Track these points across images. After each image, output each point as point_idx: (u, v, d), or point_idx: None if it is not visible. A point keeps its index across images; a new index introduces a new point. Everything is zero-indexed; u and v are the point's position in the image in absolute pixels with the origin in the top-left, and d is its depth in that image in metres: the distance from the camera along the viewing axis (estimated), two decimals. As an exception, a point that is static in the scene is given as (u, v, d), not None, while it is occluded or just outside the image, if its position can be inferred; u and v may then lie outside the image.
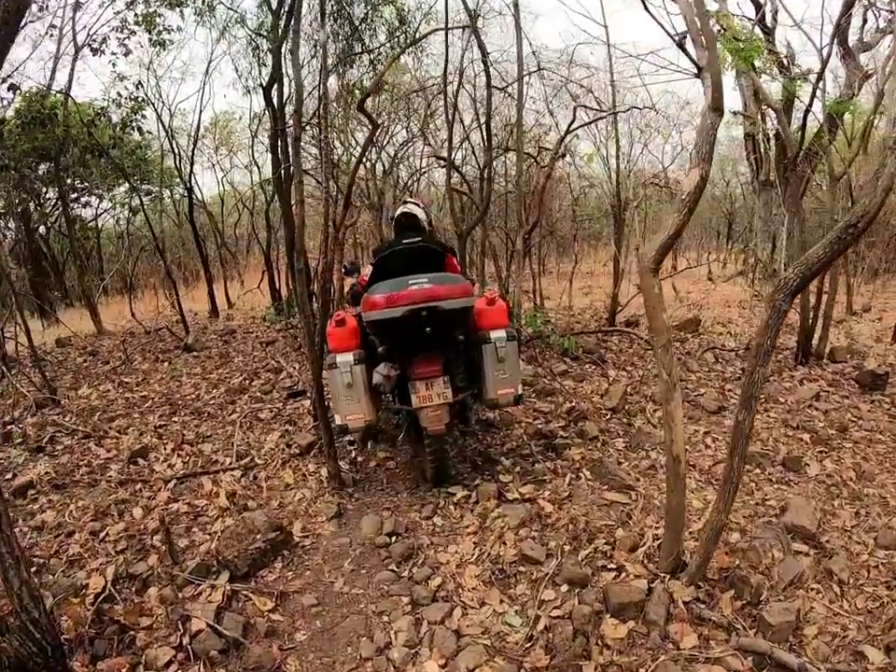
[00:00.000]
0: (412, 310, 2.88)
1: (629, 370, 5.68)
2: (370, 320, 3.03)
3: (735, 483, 2.32)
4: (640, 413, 4.44)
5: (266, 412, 4.59)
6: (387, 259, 3.37)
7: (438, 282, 2.98)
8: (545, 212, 6.09)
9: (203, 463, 3.82)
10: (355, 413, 3.02)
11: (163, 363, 6.69)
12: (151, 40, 8.07)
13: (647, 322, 7.91)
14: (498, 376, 3.08)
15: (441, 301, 2.91)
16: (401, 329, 2.96)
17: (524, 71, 4.61)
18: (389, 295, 2.93)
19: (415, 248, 3.36)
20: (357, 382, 3.00)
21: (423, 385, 2.97)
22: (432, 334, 2.92)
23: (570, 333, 5.84)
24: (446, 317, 2.94)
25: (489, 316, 3.17)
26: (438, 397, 2.96)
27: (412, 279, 2.97)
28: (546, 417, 4.24)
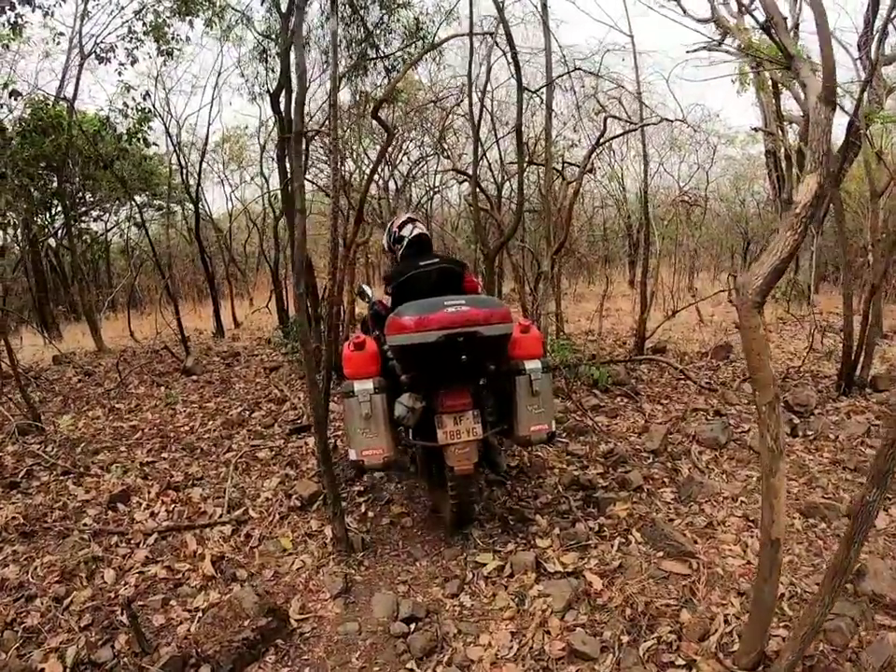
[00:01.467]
0: (448, 335, 2.56)
1: (664, 403, 5.17)
2: (396, 345, 2.69)
3: (845, 572, 1.82)
4: (685, 455, 3.93)
5: (265, 450, 4.10)
6: (408, 283, 3.09)
7: (476, 304, 2.68)
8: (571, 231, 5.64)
9: (189, 513, 3.33)
10: (372, 448, 2.66)
11: (160, 387, 6.25)
12: (159, 49, 7.78)
13: (677, 349, 7.40)
14: (532, 411, 2.79)
15: (480, 326, 2.61)
16: (433, 357, 2.63)
17: (552, 75, 4.20)
18: (421, 318, 2.60)
19: (435, 270, 3.12)
20: (377, 413, 2.65)
21: (451, 420, 2.65)
22: (467, 363, 2.62)
23: (600, 363, 5.35)
24: (485, 345, 2.65)
25: (523, 345, 2.89)
26: (467, 433, 2.65)
27: (447, 300, 2.65)
28: (581, 461, 3.73)
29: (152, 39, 7.80)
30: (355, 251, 5.74)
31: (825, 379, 5.66)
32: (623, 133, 5.56)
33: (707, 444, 4.05)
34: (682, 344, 7.99)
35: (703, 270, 18.68)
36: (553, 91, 4.18)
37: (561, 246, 4.69)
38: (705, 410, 4.88)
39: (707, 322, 9.54)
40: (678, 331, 8.74)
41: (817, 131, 1.68)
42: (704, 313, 10.18)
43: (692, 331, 8.98)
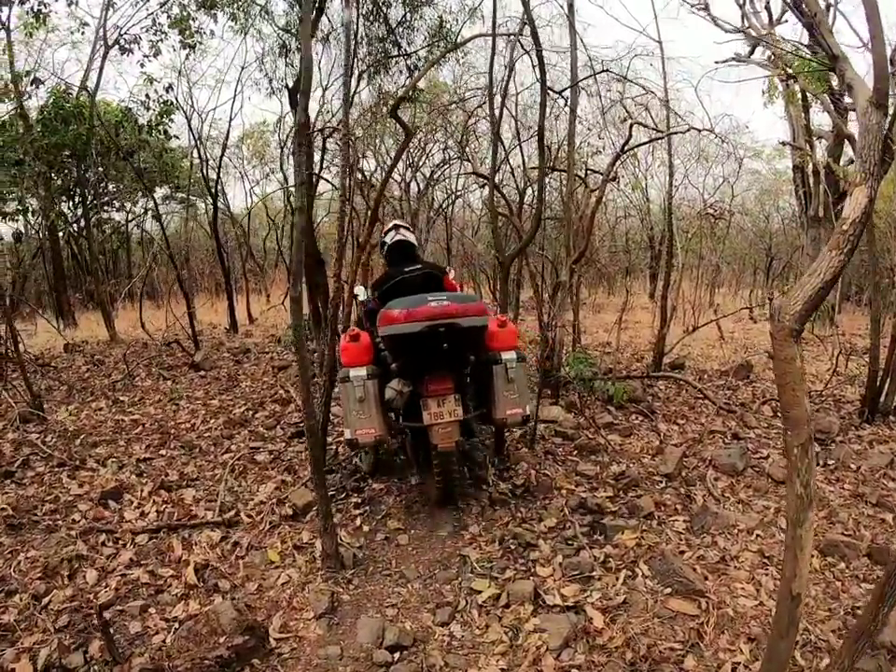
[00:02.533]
0: (430, 325, 2.90)
1: (680, 423, 4.95)
2: (387, 334, 3.04)
3: (871, 635, 1.66)
4: (700, 481, 3.72)
5: (265, 453, 3.98)
6: (394, 288, 3.44)
7: (456, 300, 3.06)
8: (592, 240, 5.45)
9: (180, 514, 3.22)
10: (365, 427, 3.01)
11: (167, 381, 6.18)
12: (182, 42, 7.76)
13: (696, 366, 7.14)
14: (508, 396, 3.15)
15: (458, 318, 2.95)
16: (418, 345, 2.97)
17: (577, 76, 4.02)
18: (409, 311, 2.94)
19: (418, 276, 3.52)
20: (370, 396, 3.01)
21: (434, 403, 2.99)
22: (448, 351, 2.97)
23: (616, 378, 5.15)
24: (463, 335, 2.99)
25: (500, 338, 3.25)
26: (449, 414, 2.98)
27: (430, 296, 3.02)
28: (591, 483, 3.54)
29: (176, 32, 7.79)
30: (369, 252, 5.59)
31: (848, 404, 5.43)
32: (650, 142, 5.35)
33: (724, 470, 3.84)
34: (701, 361, 7.73)
35: (723, 285, 18.31)
36: (577, 93, 4.01)
37: (581, 256, 4.51)
38: (722, 432, 4.67)
39: (727, 339, 9.27)
40: (697, 347, 8.49)
41: (867, 138, 1.51)
42: (724, 329, 9.92)
43: (711, 347, 8.72)
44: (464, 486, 3.31)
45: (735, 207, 10.51)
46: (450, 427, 2.97)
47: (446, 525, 3.05)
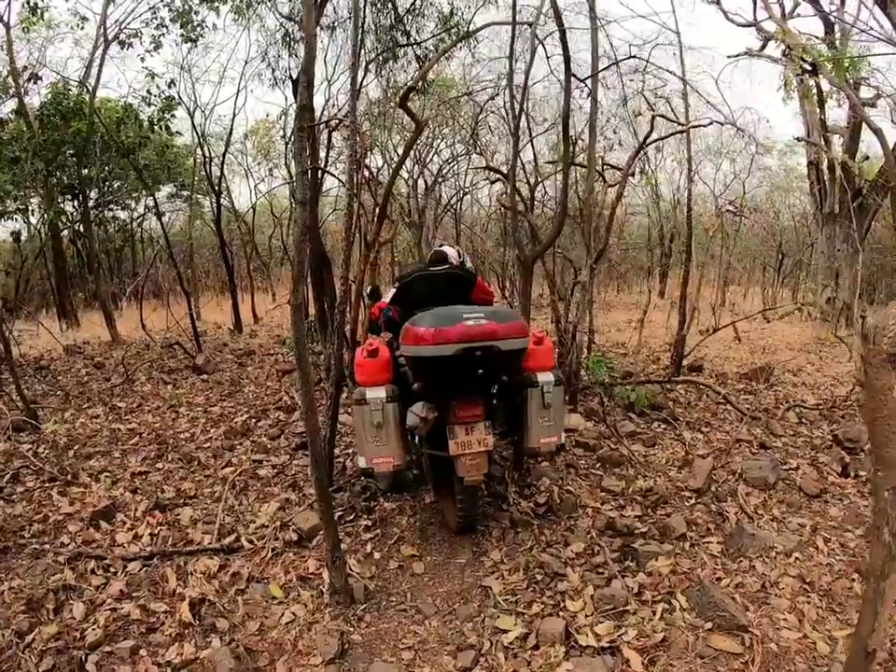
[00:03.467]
0: (466, 349, 2.53)
1: (705, 431, 4.70)
2: (412, 356, 2.68)
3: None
4: (731, 496, 3.47)
5: (268, 467, 3.75)
6: (412, 285, 3.20)
7: (495, 318, 2.65)
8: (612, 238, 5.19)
9: (175, 539, 2.99)
10: (383, 456, 2.67)
11: (167, 385, 5.97)
12: (184, 36, 7.52)
13: (714, 368, 6.88)
14: (543, 423, 2.82)
15: (498, 340, 2.59)
16: (449, 369, 2.62)
17: (598, 65, 3.74)
18: (438, 330, 2.56)
19: (442, 274, 3.22)
20: (389, 421, 2.66)
21: (462, 430, 2.65)
22: (483, 376, 2.64)
23: (637, 382, 4.89)
24: (502, 359, 2.65)
25: (536, 357, 2.92)
26: (478, 443, 2.65)
27: (466, 312, 2.64)
28: (617, 500, 3.29)
29: (178, 26, 7.56)
30: (378, 250, 5.34)
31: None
32: (671, 135, 5.09)
33: (755, 484, 3.60)
34: (719, 363, 7.47)
35: (733, 283, 17.97)
36: (597, 82, 3.74)
37: (601, 254, 4.26)
38: (748, 442, 4.42)
39: (742, 339, 8.99)
40: (713, 348, 8.20)
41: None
42: (738, 329, 9.64)
43: (728, 348, 8.45)
44: (483, 509, 3.04)
45: (745, 204, 10.22)
46: (478, 458, 2.65)
47: (465, 550, 2.80)
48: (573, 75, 2.93)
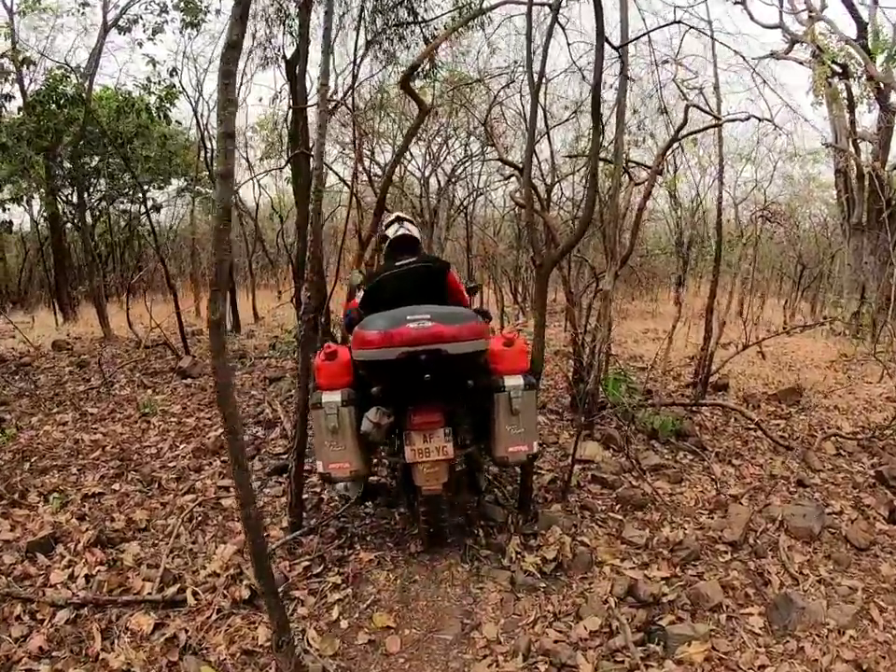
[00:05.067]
0: (408, 352, 2.43)
1: (736, 463, 4.14)
2: (359, 359, 2.59)
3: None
4: (771, 551, 2.91)
5: (233, 496, 3.26)
6: (379, 286, 2.95)
7: (442, 319, 2.51)
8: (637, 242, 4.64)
9: (113, 584, 2.51)
10: (339, 461, 2.60)
11: (147, 390, 5.52)
12: (184, 21, 7.12)
13: (738, 386, 6.32)
14: (511, 431, 2.64)
15: (445, 342, 2.45)
16: (397, 373, 2.52)
17: (628, 34, 3.19)
18: (384, 332, 2.48)
19: (411, 270, 2.94)
20: (344, 426, 2.58)
21: (420, 438, 2.52)
22: (433, 381, 2.45)
23: (661, 405, 4.36)
24: (451, 363, 2.47)
25: (506, 359, 2.72)
26: (437, 451, 2.51)
27: (410, 313, 2.50)
28: (640, 555, 2.75)
29: (179, 10, 7.17)
30: (376, 248, 4.87)
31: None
32: (706, 129, 4.56)
33: (798, 535, 3.06)
34: (743, 381, 6.90)
35: (751, 293, 17.27)
36: (627, 59, 3.19)
37: (625, 260, 3.75)
38: (785, 478, 3.88)
39: (763, 354, 8.38)
40: (736, 364, 7.61)
41: None
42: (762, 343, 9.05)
43: (751, 364, 7.85)
44: (449, 522, 2.72)
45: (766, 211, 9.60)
46: (437, 466, 2.50)
47: (453, 621, 2.27)
48: (606, 39, 2.41)
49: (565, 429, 4.38)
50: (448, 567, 2.54)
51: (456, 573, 2.51)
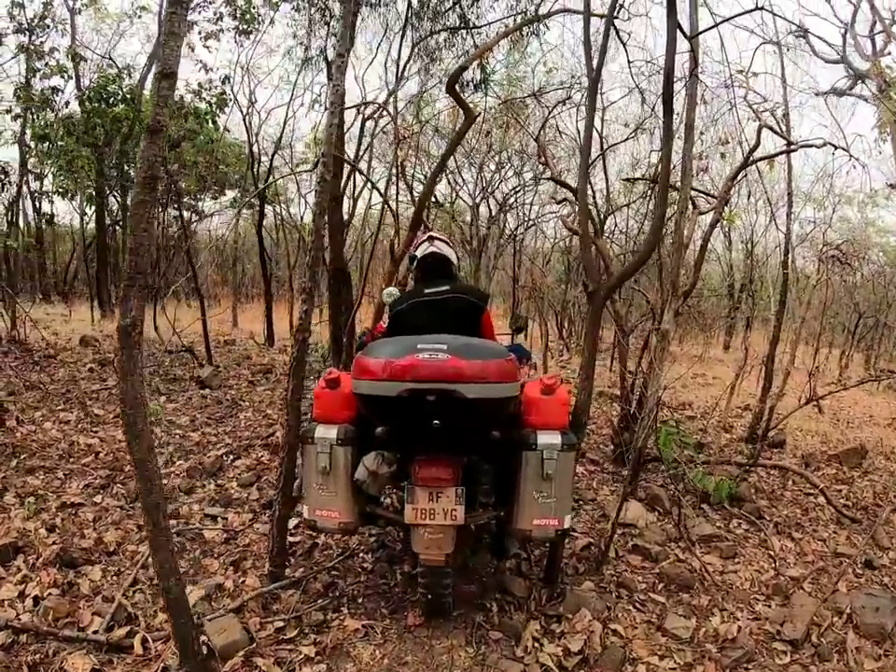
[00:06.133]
0: (413, 390, 1.99)
1: (796, 536, 3.55)
2: (357, 392, 2.17)
3: None
4: (838, 653, 2.36)
5: (219, 529, 2.89)
6: (405, 315, 2.57)
7: (461, 352, 2.05)
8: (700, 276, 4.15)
9: (60, 612, 2.19)
10: (327, 509, 2.20)
11: (162, 396, 5.28)
12: (237, 28, 7.12)
13: (795, 444, 5.67)
14: (539, 500, 2.16)
15: (462, 382, 1.99)
16: (398, 415, 2.13)
17: (697, 25, 2.76)
18: (387, 362, 2.05)
19: (441, 300, 2.54)
20: (337, 468, 2.18)
21: (425, 495, 2.08)
22: (444, 429, 2.01)
23: (716, 462, 3.82)
24: (468, 409, 2.01)
25: (542, 410, 2.23)
26: (443, 514, 2.07)
27: (423, 341, 2.08)
28: (682, 651, 2.23)
29: (233, 18, 7.18)
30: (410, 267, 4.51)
31: None
32: (778, 154, 4.07)
33: (869, 633, 2.49)
34: (800, 437, 6.25)
35: (804, 342, 16.27)
36: (699, 48, 2.73)
37: (688, 295, 3.28)
38: (850, 556, 3.27)
39: (821, 410, 7.64)
40: (792, 418, 6.92)
41: None
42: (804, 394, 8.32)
43: (807, 419, 7.13)
44: (452, 595, 2.25)
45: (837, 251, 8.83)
46: (442, 532, 2.06)
47: (448, 724, 1.83)
48: (678, 25, 2.02)
49: (604, 484, 3.88)
50: (448, 650, 2.07)
51: (457, 658, 2.04)
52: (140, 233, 1.15)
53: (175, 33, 1.16)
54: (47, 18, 6.91)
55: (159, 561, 1.38)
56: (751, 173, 5.18)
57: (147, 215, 1.16)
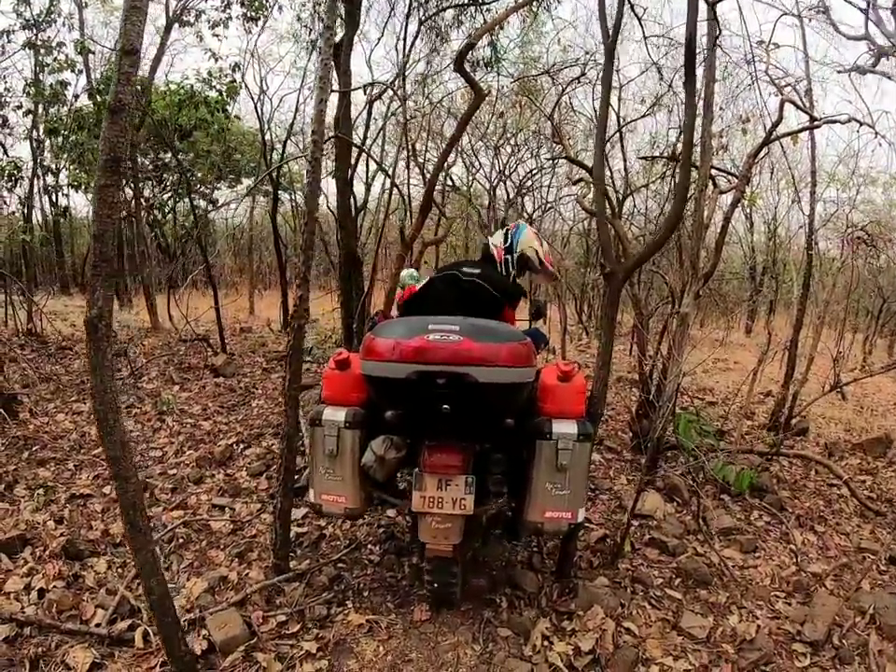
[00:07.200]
0: (421, 372, 1.90)
1: (819, 530, 3.41)
2: (365, 373, 2.09)
3: None
4: (859, 656, 2.24)
5: (226, 519, 2.86)
6: (427, 290, 2.53)
7: (474, 334, 1.95)
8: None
9: (64, 605, 2.19)
10: (334, 493, 2.14)
11: (175, 385, 5.28)
12: (245, 15, 7.02)
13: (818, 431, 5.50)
14: (552, 491, 2.05)
15: (474, 365, 1.90)
16: (407, 399, 2.03)
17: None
18: (396, 343, 1.97)
19: (466, 282, 2.47)
20: (344, 452, 2.11)
21: (433, 483, 2.00)
22: (454, 414, 1.94)
23: (737, 451, 3.69)
24: (479, 393, 1.92)
25: (558, 398, 2.13)
26: (452, 503, 1.99)
27: (434, 322, 1.98)
28: (698, 652, 2.14)
29: (241, 6, 7.08)
30: (422, 250, 4.44)
31: None
32: (801, 130, 3.86)
33: (892, 635, 2.37)
34: (823, 425, 6.04)
35: (827, 326, 15.75)
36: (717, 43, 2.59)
37: (709, 278, 3.14)
38: (874, 552, 3.13)
39: (844, 396, 7.39)
40: (815, 405, 6.70)
41: None
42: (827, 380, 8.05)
43: (830, 405, 6.90)
44: (459, 585, 2.19)
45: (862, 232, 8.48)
46: (449, 522, 1.98)
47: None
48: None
49: (622, 473, 3.77)
50: (454, 648, 2.01)
51: (463, 656, 1.98)
52: (104, 219, 1.08)
53: (138, 7, 1.10)
54: (53, 13, 6.88)
55: (139, 561, 1.33)
56: (774, 152, 4.98)
57: (110, 199, 1.09)
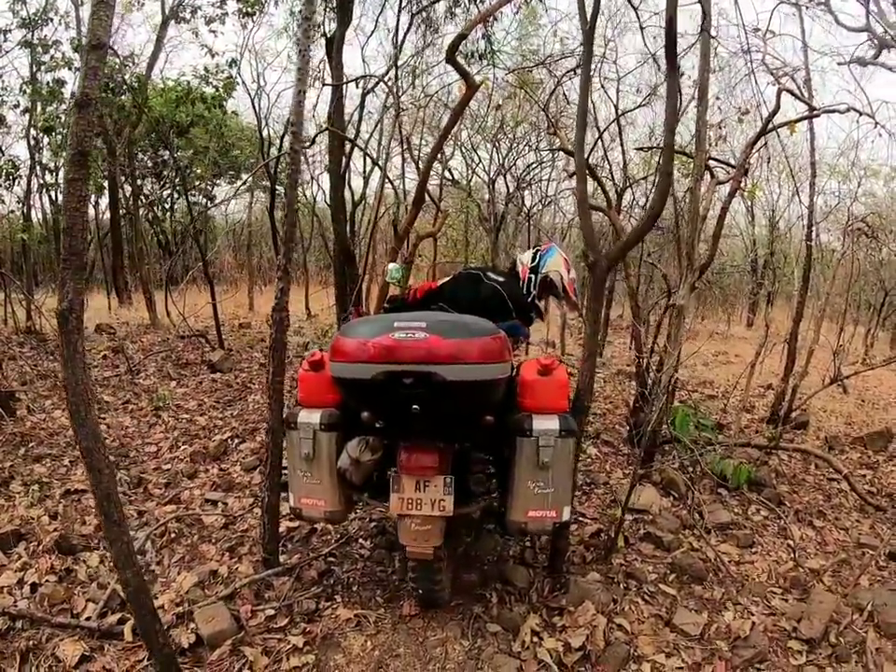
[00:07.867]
0: (387, 373, 1.84)
1: (817, 525, 3.38)
2: (333, 375, 2.02)
3: None
4: (856, 654, 2.21)
5: (218, 514, 2.86)
6: (448, 285, 2.65)
7: (441, 331, 1.87)
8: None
9: (55, 598, 2.20)
10: (313, 497, 2.11)
11: (172, 381, 5.28)
12: (241, 11, 6.97)
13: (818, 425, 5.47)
14: (534, 490, 2.00)
15: (441, 364, 1.82)
16: (376, 400, 1.97)
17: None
18: (361, 343, 1.90)
19: (488, 286, 2.50)
20: (321, 455, 2.07)
21: (411, 484, 1.97)
22: (425, 414, 1.87)
23: (735, 444, 3.67)
24: (449, 392, 1.85)
25: (538, 393, 2.07)
26: (430, 505, 1.95)
27: (400, 319, 1.92)
28: (691, 648, 2.11)
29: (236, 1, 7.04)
30: (416, 243, 4.41)
31: None
32: (800, 119, 3.81)
33: (891, 633, 2.33)
34: (823, 418, 6.01)
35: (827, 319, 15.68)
36: (711, 20, 2.53)
37: (705, 269, 3.11)
38: (873, 547, 3.09)
39: (844, 389, 7.36)
40: (816, 398, 6.67)
41: None
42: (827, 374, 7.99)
43: (831, 398, 6.87)
44: (445, 587, 2.14)
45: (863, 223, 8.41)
46: (429, 524, 1.93)
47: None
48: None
49: (618, 467, 3.76)
50: (443, 643, 2.00)
51: (451, 651, 1.96)
52: (72, 212, 1.06)
53: (105, 2, 1.07)
54: (49, 11, 6.85)
55: (115, 553, 1.32)
56: (772, 143, 4.94)
57: (78, 192, 1.07)
